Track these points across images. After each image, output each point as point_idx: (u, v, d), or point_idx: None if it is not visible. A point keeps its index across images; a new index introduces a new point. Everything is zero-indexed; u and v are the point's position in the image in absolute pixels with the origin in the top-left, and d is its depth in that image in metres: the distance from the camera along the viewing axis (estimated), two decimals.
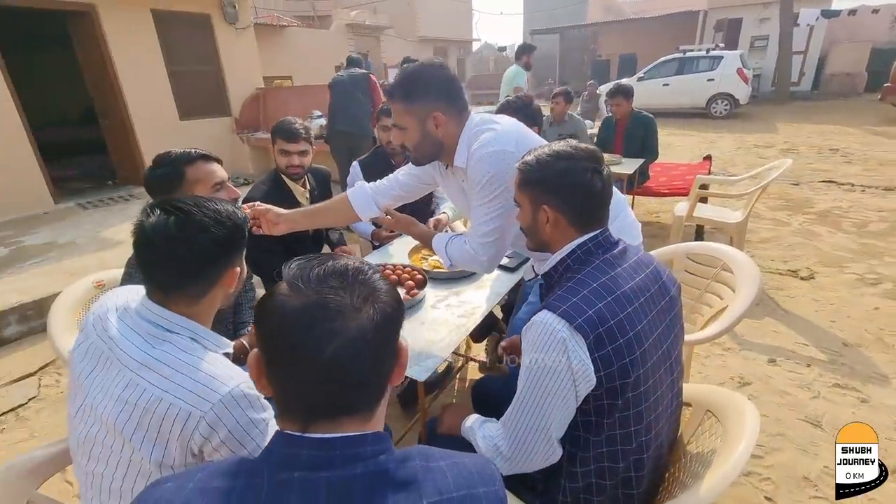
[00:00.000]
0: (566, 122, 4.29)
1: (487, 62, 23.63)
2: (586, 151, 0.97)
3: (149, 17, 5.37)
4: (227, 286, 0.92)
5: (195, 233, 0.86)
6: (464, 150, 1.27)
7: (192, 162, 1.43)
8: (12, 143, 4.59)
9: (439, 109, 1.22)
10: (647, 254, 1.05)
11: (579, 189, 0.94)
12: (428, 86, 1.22)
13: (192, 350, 0.84)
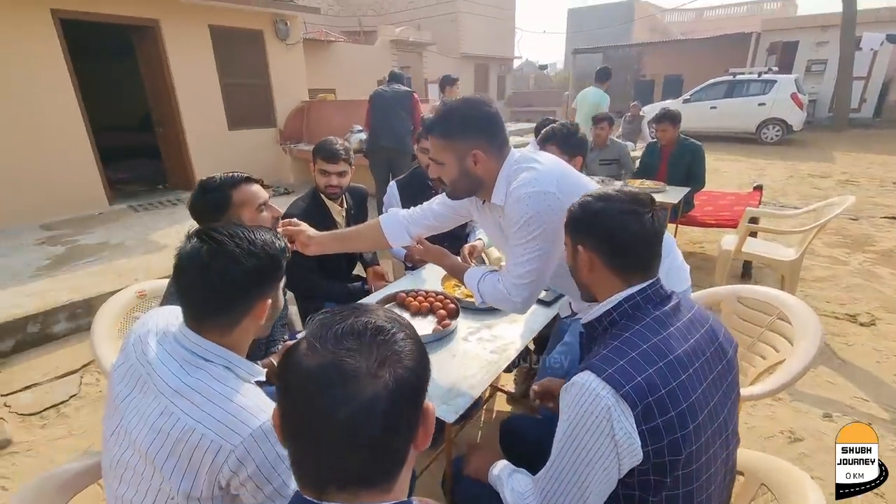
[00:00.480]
0: (608, 146, 4.20)
1: (528, 79, 23.65)
2: (629, 194, 0.93)
3: (206, 32, 5.67)
4: (258, 317, 0.92)
5: (226, 263, 0.86)
6: (502, 188, 1.23)
7: (237, 185, 1.47)
8: (76, 146, 4.91)
9: (479, 147, 1.20)
10: (701, 309, 0.97)
11: (610, 228, 0.90)
12: (468, 122, 1.20)
13: (225, 380, 0.85)
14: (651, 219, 0.90)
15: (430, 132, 1.26)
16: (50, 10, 4.54)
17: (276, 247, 0.94)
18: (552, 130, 1.94)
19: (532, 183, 1.16)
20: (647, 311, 0.88)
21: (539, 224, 1.16)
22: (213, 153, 5.94)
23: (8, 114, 4.43)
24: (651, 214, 0.90)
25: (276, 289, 0.96)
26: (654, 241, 0.92)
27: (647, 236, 0.90)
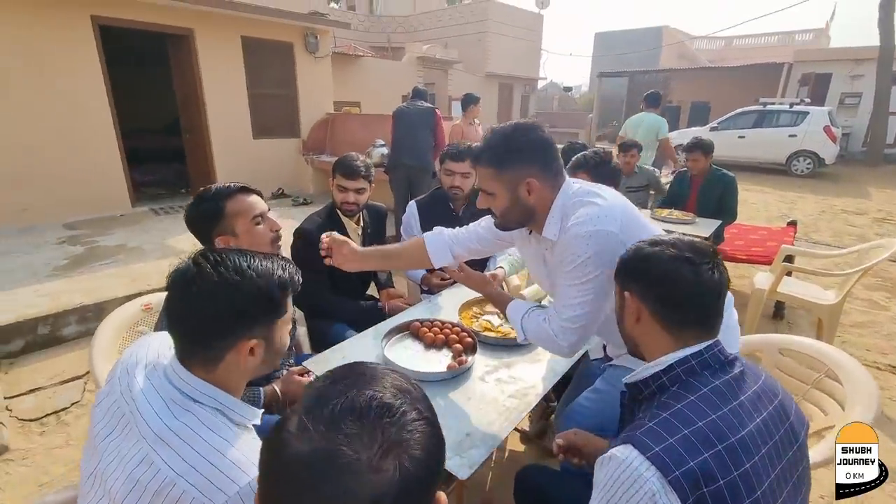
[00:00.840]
0: (636, 174, 4.07)
1: (552, 101, 23.68)
2: (687, 242, 0.85)
3: (238, 42, 5.77)
4: (245, 357, 0.80)
5: (202, 293, 0.77)
6: (556, 221, 1.16)
7: (231, 196, 1.41)
8: (104, 148, 5.00)
9: (533, 175, 1.13)
10: (770, 378, 0.84)
11: (661, 274, 0.81)
12: (521, 150, 1.13)
13: (215, 427, 0.76)
14: (711, 271, 0.80)
15: (478, 161, 1.19)
16: (90, 17, 4.67)
17: (272, 279, 0.82)
18: (584, 158, 1.84)
19: (593, 221, 1.07)
20: (704, 378, 0.76)
21: (597, 266, 1.08)
22: (236, 160, 6.00)
23: (42, 114, 4.54)
24: (712, 266, 0.81)
25: (271, 328, 0.84)
26: (713, 295, 0.81)
27: (704, 289, 0.80)
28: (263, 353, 0.83)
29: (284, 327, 0.88)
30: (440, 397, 1.31)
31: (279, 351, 0.87)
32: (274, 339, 0.85)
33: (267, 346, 0.83)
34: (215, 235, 1.41)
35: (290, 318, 0.90)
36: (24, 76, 4.39)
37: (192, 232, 1.42)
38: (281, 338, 0.87)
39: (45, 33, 4.43)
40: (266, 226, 1.45)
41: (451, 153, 2.19)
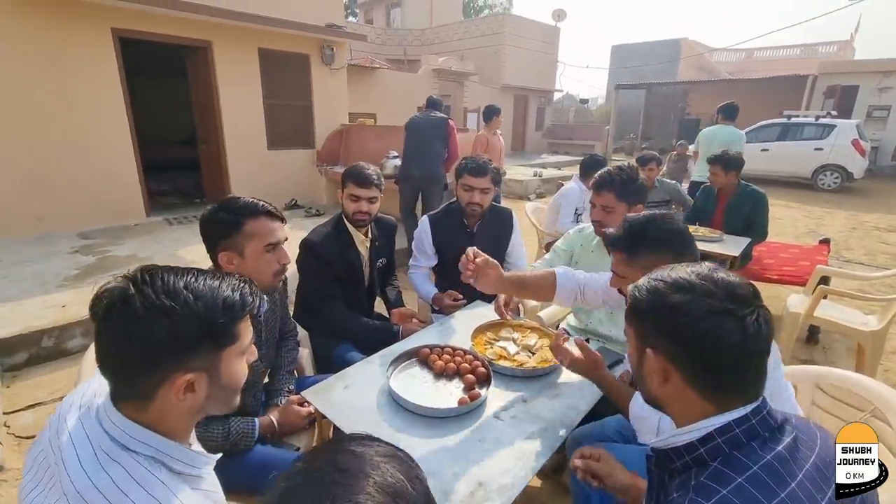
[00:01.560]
0: (656, 188, 3.92)
1: (568, 112, 23.56)
2: (723, 285, 0.68)
3: (255, 54, 5.81)
4: (182, 393, 0.68)
5: (121, 316, 0.65)
6: None
7: (255, 215, 1.32)
8: (121, 158, 5.03)
9: (666, 262, 1.06)
10: (827, 440, 0.70)
11: (695, 335, 0.66)
12: (656, 239, 1.18)
13: (145, 481, 0.65)
14: (756, 322, 0.65)
15: (613, 246, 1.25)
16: (111, 29, 4.74)
17: (214, 302, 0.70)
18: (609, 176, 1.69)
19: None
20: (751, 452, 0.62)
21: None
22: (250, 170, 6.00)
23: (61, 123, 4.59)
24: (756, 315, 0.66)
25: (215, 360, 0.71)
26: (758, 354, 0.66)
27: (749, 349, 0.65)
28: (207, 389, 0.71)
29: (235, 358, 0.75)
30: (449, 437, 1.17)
31: (230, 386, 0.75)
32: (220, 372, 0.72)
33: (211, 380, 0.71)
34: (221, 249, 1.32)
35: (245, 348, 0.77)
36: (45, 86, 4.45)
37: (202, 236, 1.34)
38: (231, 370, 0.74)
39: (66, 44, 4.50)
40: (275, 256, 1.36)
41: (470, 167, 2.07)
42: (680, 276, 0.72)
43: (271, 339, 1.57)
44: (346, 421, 1.23)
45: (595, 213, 1.74)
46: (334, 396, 1.34)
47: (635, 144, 17.79)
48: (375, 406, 1.29)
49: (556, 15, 18.78)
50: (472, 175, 2.05)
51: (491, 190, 2.10)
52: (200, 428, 1.25)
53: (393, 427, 1.21)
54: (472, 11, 27.65)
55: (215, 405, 0.75)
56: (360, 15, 22.33)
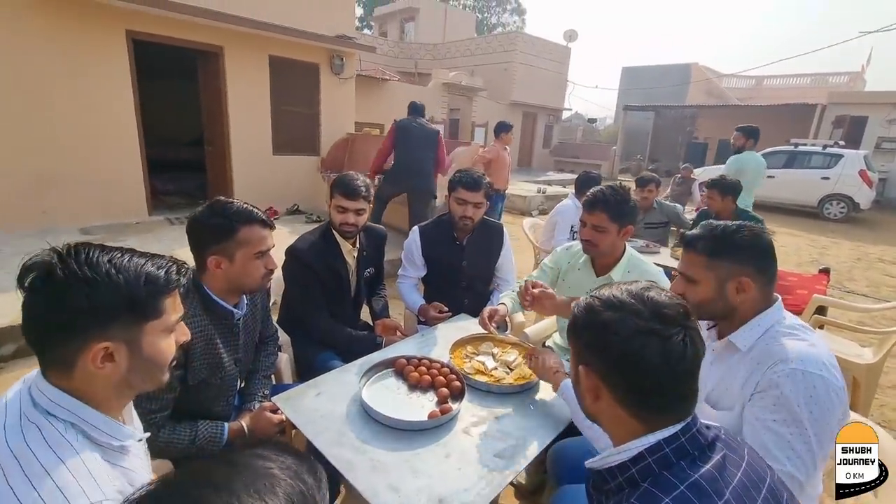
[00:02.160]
0: (654, 209, 3.90)
1: (576, 131, 23.69)
2: (651, 304, 0.69)
3: (266, 61, 5.90)
4: (99, 362, 0.71)
5: (46, 288, 0.69)
6: (754, 334, 1.10)
7: (249, 223, 1.33)
8: (128, 158, 5.10)
9: (748, 275, 1.09)
10: (753, 456, 0.70)
11: (622, 354, 0.67)
12: (743, 247, 1.09)
13: (57, 445, 0.67)
14: (682, 343, 0.65)
15: (692, 247, 1.16)
16: (125, 31, 4.84)
17: (135, 277, 0.73)
18: (602, 195, 1.66)
19: (817, 364, 0.97)
20: (680, 471, 0.62)
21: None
22: (254, 174, 6.05)
23: (72, 119, 4.67)
24: (683, 335, 0.66)
25: (136, 332, 0.74)
26: (684, 374, 0.67)
27: (677, 371, 0.66)
28: (128, 361, 0.74)
29: (159, 334, 0.78)
30: (416, 451, 1.15)
31: (153, 360, 0.78)
32: (142, 345, 0.75)
33: (132, 352, 0.74)
34: (211, 253, 1.32)
35: (171, 325, 0.80)
36: (58, 84, 4.53)
37: (188, 237, 1.33)
38: (154, 345, 0.77)
39: (81, 45, 4.59)
40: (263, 262, 1.37)
41: (465, 181, 2.06)
42: (613, 294, 0.72)
43: (249, 344, 1.56)
44: (312, 429, 1.21)
45: (585, 232, 1.72)
46: (305, 403, 1.33)
47: (642, 166, 17.82)
48: (345, 415, 1.28)
49: (567, 35, 19.02)
50: (466, 189, 2.05)
51: (483, 204, 2.10)
52: (167, 430, 1.24)
53: (360, 438, 1.19)
54: (486, 29, 28.06)
55: (139, 379, 0.78)
56: (375, 28, 22.72)
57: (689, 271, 1.15)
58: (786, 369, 0.97)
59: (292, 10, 5.90)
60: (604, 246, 1.68)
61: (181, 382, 1.28)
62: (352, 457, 1.12)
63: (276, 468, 0.42)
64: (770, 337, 1.07)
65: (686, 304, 0.72)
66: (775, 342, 1.04)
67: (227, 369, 1.39)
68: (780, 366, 0.98)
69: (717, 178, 3.36)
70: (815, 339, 1.06)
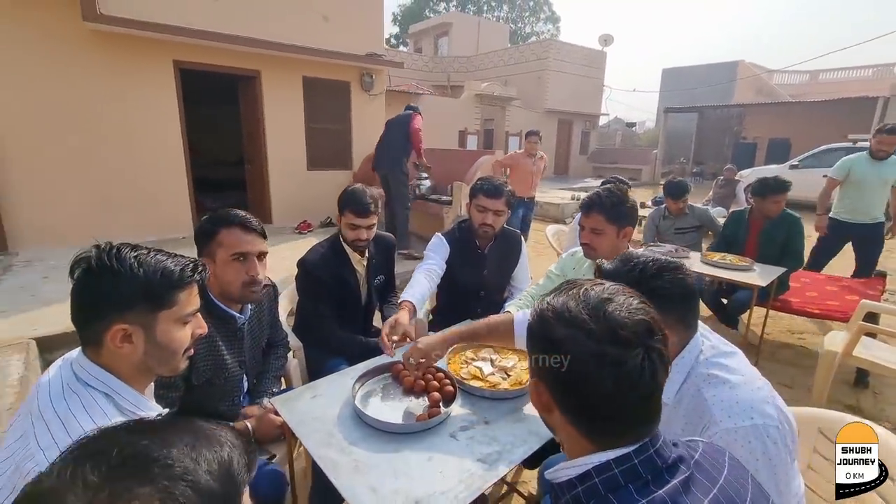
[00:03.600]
0: (686, 214, 3.75)
1: (614, 137, 23.14)
2: (609, 323, 0.61)
3: (300, 82, 6.20)
4: (118, 342, 0.83)
5: (85, 269, 0.83)
6: (675, 382, 0.99)
7: (228, 225, 1.41)
8: (175, 179, 5.49)
9: (666, 325, 0.96)
10: (734, 474, 0.64)
11: (575, 380, 0.61)
12: (661, 295, 0.90)
13: (92, 410, 0.80)
14: (641, 366, 0.59)
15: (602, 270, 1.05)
16: (172, 61, 5.24)
17: (154, 271, 0.86)
18: (598, 198, 1.63)
19: (746, 411, 0.88)
20: (627, 495, 0.58)
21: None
22: (290, 190, 6.33)
23: (123, 144, 5.09)
24: (642, 357, 0.59)
25: (151, 319, 0.86)
26: (641, 399, 0.60)
27: (630, 397, 0.59)
28: (144, 345, 0.86)
29: (173, 323, 0.89)
30: (400, 453, 1.17)
31: (167, 346, 0.89)
32: (156, 331, 0.87)
33: (147, 336, 0.86)
34: (203, 255, 1.42)
35: (184, 316, 0.91)
36: (112, 111, 4.97)
37: (195, 243, 1.47)
38: (168, 332, 0.88)
39: (133, 75, 5.02)
40: (244, 267, 1.42)
41: (485, 189, 2.04)
42: (567, 305, 0.64)
43: (255, 348, 1.64)
44: (304, 430, 1.26)
45: (584, 235, 1.70)
46: (300, 405, 1.37)
47: (685, 169, 17.13)
48: (336, 417, 1.31)
49: (603, 40, 18.72)
50: (486, 196, 2.03)
51: (505, 212, 2.07)
52: None
53: (348, 440, 1.22)
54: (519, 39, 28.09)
55: (155, 362, 0.89)
56: (411, 44, 23.31)
57: None
58: (718, 432, 0.87)
59: (324, 32, 6.18)
60: (603, 249, 1.65)
61: (185, 381, 1.36)
62: (337, 457, 1.15)
63: (213, 435, 0.46)
64: (692, 384, 0.97)
65: (652, 316, 0.65)
66: (698, 396, 0.94)
67: (231, 371, 1.47)
68: (712, 429, 0.88)
69: (767, 181, 3.14)
70: (735, 368, 0.96)
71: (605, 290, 0.66)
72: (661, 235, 3.91)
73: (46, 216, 4.77)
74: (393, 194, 4.93)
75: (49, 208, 4.78)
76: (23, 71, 4.44)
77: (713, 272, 2.99)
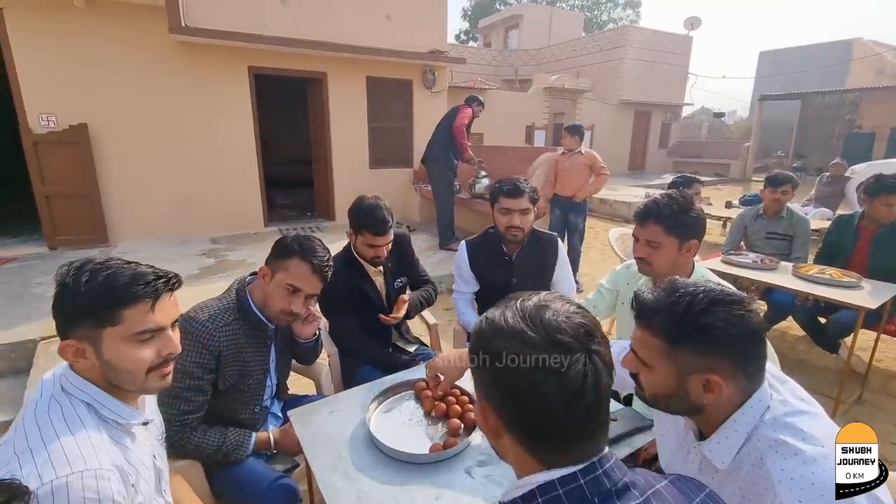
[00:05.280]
0: (783, 217, 3.23)
1: (700, 128, 21.31)
2: (540, 324, 0.57)
3: (363, 82, 6.32)
4: (69, 357, 0.86)
5: (57, 284, 0.86)
6: (732, 444, 0.81)
7: (304, 258, 1.41)
8: (248, 179, 5.86)
9: (719, 372, 0.78)
10: None
11: (514, 394, 0.57)
12: (714, 335, 0.77)
13: (71, 418, 0.82)
14: (583, 374, 0.54)
15: (644, 320, 0.84)
16: (247, 67, 5.56)
17: (100, 291, 0.84)
18: (655, 205, 1.38)
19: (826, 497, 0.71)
20: None
21: None
22: (353, 187, 6.48)
23: (203, 146, 5.50)
24: (584, 363, 0.55)
25: (96, 337, 0.85)
26: (589, 411, 0.56)
27: (575, 407, 0.55)
28: (95, 360, 0.85)
29: (120, 341, 0.86)
30: (406, 486, 1.07)
31: (115, 364, 0.86)
32: (102, 348, 0.85)
33: (97, 353, 0.85)
34: (269, 263, 1.45)
35: (131, 334, 0.86)
36: (192, 117, 5.38)
37: None
38: (115, 350, 0.86)
39: (212, 81, 5.40)
40: (291, 299, 1.40)
41: (505, 189, 1.92)
42: (504, 317, 0.60)
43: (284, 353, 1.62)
44: (313, 449, 1.20)
45: (638, 248, 1.48)
46: (316, 420, 1.33)
47: (784, 163, 15.30)
48: (349, 438, 1.24)
49: (688, 23, 17.22)
50: (508, 197, 1.90)
51: (530, 210, 1.93)
52: (199, 433, 1.33)
53: (356, 465, 1.14)
54: (595, 27, 26.75)
55: (116, 377, 0.88)
56: (481, 39, 23.09)
57: (641, 352, 0.85)
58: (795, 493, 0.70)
59: (387, 31, 6.24)
60: (660, 265, 1.42)
61: (213, 387, 1.37)
62: (342, 485, 1.08)
63: None
64: (754, 448, 0.78)
65: (590, 319, 0.60)
66: (760, 466, 0.76)
67: (255, 377, 1.46)
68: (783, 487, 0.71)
69: (881, 178, 2.64)
70: (813, 435, 0.76)
71: (542, 298, 0.62)
72: (749, 240, 3.45)
73: (139, 212, 5.29)
74: (435, 189, 5.04)
75: (141, 205, 5.29)
76: (117, 81, 4.94)
77: (807, 288, 2.54)
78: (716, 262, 3.00)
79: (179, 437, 1.28)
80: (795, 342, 3.43)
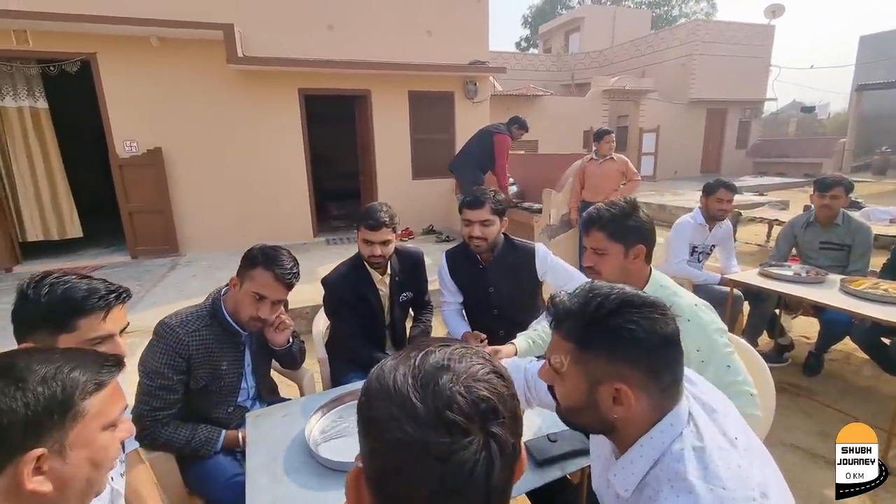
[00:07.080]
0: (838, 225, 2.87)
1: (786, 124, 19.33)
2: (430, 392, 0.45)
3: (405, 96, 6.53)
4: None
5: (18, 293, 0.96)
6: (637, 469, 0.76)
7: (266, 267, 1.50)
8: (299, 193, 6.30)
9: (628, 381, 0.74)
10: None
11: (383, 473, 0.47)
12: (622, 338, 0.73)
13: None
14: (474, 460, 0.43)
15: (558, 324, 0.80)
16: (298, 89, 5.99)
17: (56, 298, 0.95)
18: (597, 212, 1.36)
19: None
20: None
21: None
22: (396, 198, 6.64)
23: (258, 163, 5.99)
24: (477, 449, 0.44)
25: (49, 340, 0.94)
26: (473, 498, 0.44)
27: (454, 500, 0.44)
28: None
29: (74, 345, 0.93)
30: (323, 493, 1.10)
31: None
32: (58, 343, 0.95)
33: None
34: (238, 274, 1.56)
35: (92, 342, 0.97)
36: (247, 135, 5.89)
37: None
38: None
39: (265, 102, 5.88)
40: (258, 306, 1.50)
41: (466, 201, 1.97)
42: (395, 374, 0.48)
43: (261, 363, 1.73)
44: (253, 449, 1.27)
45: (586, 257, 1.44)
46: (268, 423, 1.40)
47: (890, 161, 13.39)
48: (291, 441, 1.30)
49: (770, 11, 15.76)
50: (468, 208, 1.95)
51: (493, 222, 1.94)
52: (171, 428, 1.46)
53: (284, 468, 1.19)
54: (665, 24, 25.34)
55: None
56: (541, 45, 22.81)
57: (555, 360, 0.80)
58: None
59: (428, 46, 6.42)
60: (608, 272, 1.36)
61: (185, 386, 1.50)
62: (265, 484, 1.14)
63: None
64: (655, 478, 0.72)
65: (499, 391, 0.48)
66: (656, 500, 0.70)
67: (227, 379, 1.57)
68: None
69: None
70: (719, 473, 0.68)
71: (449, 354, 0.50)
72: (801, 250, 3.09)
73: (204, 225, 5.87)
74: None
75: (205, 218, 5.87)
76: (184, 107, 5.55)
77: (856, 306, 2.22)
78: (751, 275, 2.73)
79: (151, 430, 1.41)
80: (861, 366, 3.00)
